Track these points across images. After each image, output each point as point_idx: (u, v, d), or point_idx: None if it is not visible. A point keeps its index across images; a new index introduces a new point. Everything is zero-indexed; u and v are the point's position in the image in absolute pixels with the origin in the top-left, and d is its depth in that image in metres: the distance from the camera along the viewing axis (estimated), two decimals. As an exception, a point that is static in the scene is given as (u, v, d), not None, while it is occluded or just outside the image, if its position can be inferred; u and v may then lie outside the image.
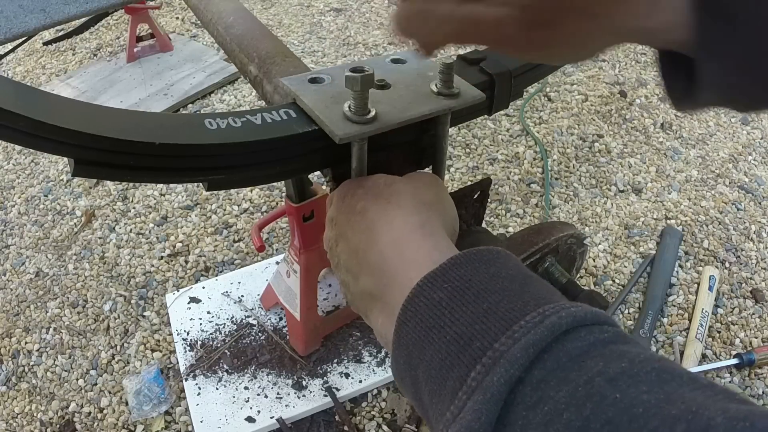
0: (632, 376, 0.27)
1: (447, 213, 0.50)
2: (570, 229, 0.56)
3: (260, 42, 0.83)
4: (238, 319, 1.27)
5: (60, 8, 1.15)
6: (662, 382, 0.26)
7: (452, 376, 0.32)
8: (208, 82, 2.02)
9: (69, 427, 1.15)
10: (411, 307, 0.36)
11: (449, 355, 0.32)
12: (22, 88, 0.46)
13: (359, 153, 0.52)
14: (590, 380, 0.27)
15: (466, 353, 0.32)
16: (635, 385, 0.26)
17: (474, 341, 0.32)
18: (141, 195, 1.64)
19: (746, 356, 1.20)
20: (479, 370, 0.30)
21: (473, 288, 0.35)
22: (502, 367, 0.29)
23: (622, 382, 0.27)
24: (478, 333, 0.32)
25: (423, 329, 0.35)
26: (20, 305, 1.38)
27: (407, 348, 0.36)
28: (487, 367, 0.30)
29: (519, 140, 1.79)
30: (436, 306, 0.35)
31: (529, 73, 0.69)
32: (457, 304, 0.34)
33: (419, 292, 0.36)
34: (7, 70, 2.22)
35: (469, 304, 0.34)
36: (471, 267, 0.36)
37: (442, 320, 0.34)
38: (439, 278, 0.36)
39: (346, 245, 0.47)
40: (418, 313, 0.36)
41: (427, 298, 0.36)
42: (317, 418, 1.13)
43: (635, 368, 0.27)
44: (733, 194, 1.62)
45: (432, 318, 0.35)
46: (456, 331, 0.33)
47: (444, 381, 0.32)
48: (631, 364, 0.28)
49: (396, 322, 0.37)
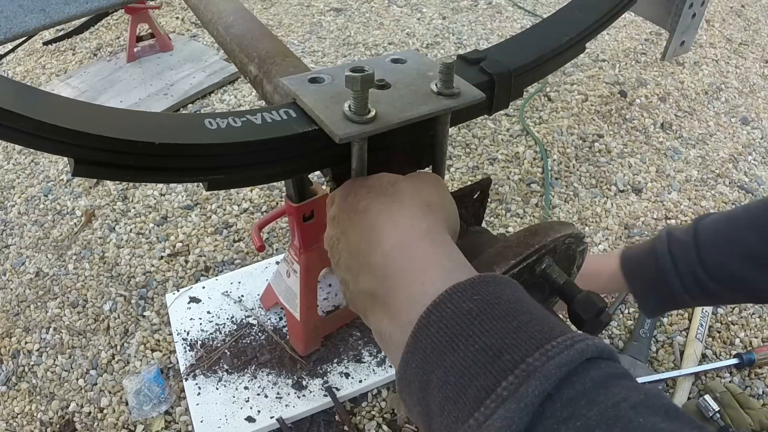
0: (649, 407, 0.30)
1: (450, 214, 0.50)
2: (567, 228, 0.56)
3: (260, 42, 0.83)
4: (238, 318, 1.27)
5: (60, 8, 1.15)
6: (669, 418, 0.30)
7: (476, 385, 0.33)
8: (208, 81, 2.02)
9: (69, 427, 1.15)
10: (436, 312, 0.37)
11: (475, 363, 0.33)
12: (22, 88, 0.46)
13: (359, 153, 0.52)
14: (617, 404, 0.30)
15: (496, 364, 0.33)
16: (653, 415, 0.29)
17: (504, 354, 0.33)
18: (141, 195, 1.64)
19: (746, 356, 1.20)
20: (512, 380, 0.32)
21: (503, 305, 0.36)
22: (537, 380, 0.31)
23: (642, 410, 0.30)
24: (508, 347, 0.33)
25: (447, 336, 0.36)
26: (20, 305, 1.38)
27: (424, 352, 0.36)
28: (521, 378, 0.31)
29: (519, 140, 1.79)
30: (465, 315, 0.36)
31: (529, 73, 0.69)
32: (487, 317, 0.35)
33: (447, 299, 0.37)
34: (7, 70, 2.22)
35: (499, 319, 0.35)
36: (498, 287, 0.38)
37: (470, 329, 0.35)
38: (469, 290, 0.37)
39: (347, 244, 0.47)
40: (443, 319, 0.36)
41: (455, 305, 0.36)
42: (317, 417, 1.13)
43: (650, 401, 0.31)
44: (733, 194, 1.62)
45: (459, 326, 0.35)
46: (486, 342, 0.34)
47: (465, 389, 0.33)
48: (647, 397, 0.31)
49: (416, 325, 0.37)
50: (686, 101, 1.95)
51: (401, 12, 2.49)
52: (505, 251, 0.52)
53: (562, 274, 0.54)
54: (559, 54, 0.72)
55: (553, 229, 0.55)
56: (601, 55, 2.17)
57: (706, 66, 2.12)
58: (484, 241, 0.65)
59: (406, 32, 2.34)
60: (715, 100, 1.97)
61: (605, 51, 2.20)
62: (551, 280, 0.54)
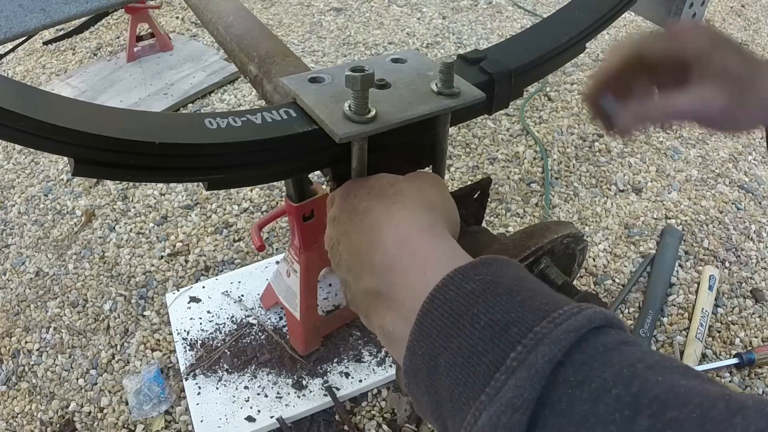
0: (666, 367, 0.29)
1: (450, 214, 0.50)
2: (565, 229, 0.56)
3: (260, 41, 0.83)
4: (238, 318, 1.27)
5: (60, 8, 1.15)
6: (689, 377, 0.29)
7: (485, 361, 0.32)
8: (208, 81, 2.02)
9: (69, 426, 1.15)
10: (440, 296, 0.37)
11: (482, 340, 0.33)
12: (22, 87, 0.46)
13: (359, 153, 0.52)
14: (632, 364, 0.29)
15: (503, 338, 0.33)
16: (671, 373, 0.29)
17: (511, 327, 0.33)
18: (141, 194, 1.64)
19: (746, 356, 1.20)
20: (520, 350, 0.31)
21: (505, 283, 0.36)
22: (546, 346, 0.30)
23: (659, 370, 0.29)
24: (514, 320, 0.33)
25: (452, 317, 0.35)
26: (20, 305, 1.38)
27: (429, 338, 0.36)
28: (529, 347, 0.31)
29: (519, 140, 1.79)
30: (468, 295, 0.36)
31: (529, 72, 0.69)
32: (491, 295, 0.35)
33: (449, 281, 0.37)
34: (7, 70, 2.22)
35: (503, 296, 0.35)
36: (500, 267, 0.38)
37: (474, 309, 0.35)
38: (470, 272, 0.37)
39: (348, 245, 0.47)
40: (447, 302, 0.36)
41: (458, 287, 0.36)
42: (317, 417, 1.13)
43: (666, 362, 0.30)
44: (733, 194, 1.62)
45: (463, 306, 0.35)
46: (491, 318, 0.34)
47: (474, 367, 0.33)
48: (662, 358, 0.30)
49: (419, 312, 0.37)
50: (686, 101, 1.95)
51: (401, 12, 2.49)
52: (501, 254, 0.52)
53: (560, 275, 0.54)
54: (559, 54, 0.72)
55: (549, 230, 0.55)
56: (601, 55, 2.17)
57: (706, 66, 2.12)
58: (483, 240, 0.65)
59: (406, 32, 2.34)
60: (715, 100, 1.96)
61: (605, 51, 2.20)
62: (549, 281, 0.54)
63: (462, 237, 0.63)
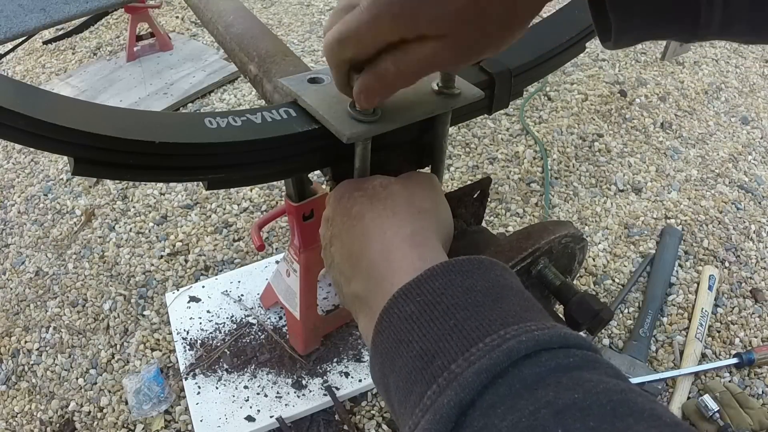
0: (582, 409, 0.26)
1: (441, 218, 0.50)
2: (563, 229, 0.55)
3: (260, 41, 0.83)
4: (238, 318, 1.27)
5: (60, 7, 1.15)
6: (616, 417, 0.25)
7: (415, 391, 0.32)
8: (207, 81, 2.02)
9: (69, 426, 1.15)
10: (386, 318, 0.37)
11: (414, 370, 0.33)
12: (22, 87, 0.46)
13: (363, 152, 0.52)
14: (536, 411, 0.27)
15: (428, 370, 0.32)
16: (582, 419, 0.25)
17: (436, 359, 0.32)
18: (141, 194, 1.64)
19: (746, 356, 1.20)
20: (434, 389, 0.31)
21: (444, 302, 0.35)
22: (453, 391, 0.30)
23: (569, 416, 0.26)
24: (440, 351, 0.32)
25: (394, 342, 0.36)
26: (20, 304, 1.38)
27: (381, 356, 0.37)
28: (441, 387, 0.30)
29: (519, 139, 1.79)
30: (408, 319, 0.35)
31: (529, 72, 0.69)
32: (426, 320, 0.34)
33: (394, 303, 0.37)
34: (6, 69, 2.22)
35: (437, 320, 0.34)
36: (446, 279, 0.36)
37: (411, 335, 0.35)
38: (414, 291, 0.36)
39: (340, 248, 0.48)
40: (391, 325, 0.36)
41: (400, 310, 0.36)
42: (317, 417, 1.13)
43: (588, 400, 0.26)
44: (732, 194, 1.62)
45: (402, 331, 0.35)
46: (422, 347, 0.33)
47: (408, 394, 0.33)
48: (586, 395, 0.27)
49: (373, 330, 0.38)
50: (686, 101, 1.95)
51: (401, 11, 2.49)
52: (497, 256, 0.51)
53: (558, 275, 0.53)
54: (559, 53, 0.72)
55: (547, 230, 0.54)
56: (601, 54, 2.17)
57: (706, 66, 2.12)
58: (483, 240, 0.65)
59: (406, 32, 2.34)
60: (715, 100, 1.97)
61: (605, 50, 2.19)
62: (547, 281, 0.53)
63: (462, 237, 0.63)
